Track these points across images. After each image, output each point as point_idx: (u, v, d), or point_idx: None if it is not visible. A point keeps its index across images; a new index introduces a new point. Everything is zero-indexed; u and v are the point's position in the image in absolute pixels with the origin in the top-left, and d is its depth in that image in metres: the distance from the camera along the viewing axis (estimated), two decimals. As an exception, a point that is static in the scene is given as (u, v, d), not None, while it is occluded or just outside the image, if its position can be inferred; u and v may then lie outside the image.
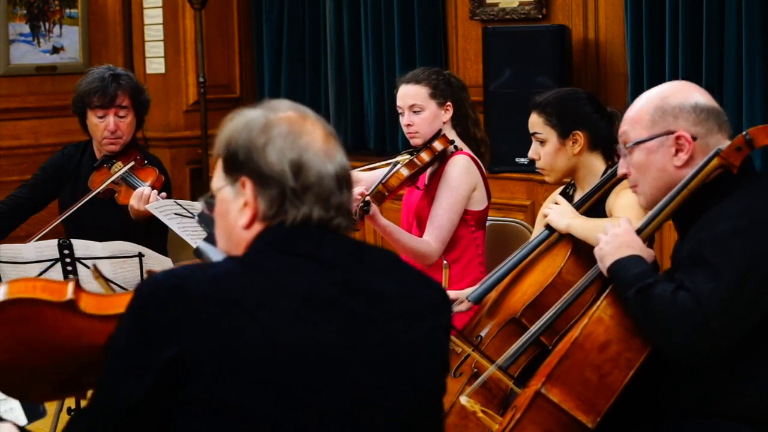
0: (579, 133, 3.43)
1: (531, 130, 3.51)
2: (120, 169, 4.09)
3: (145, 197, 3.93)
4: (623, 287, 2.54)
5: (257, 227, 1.85)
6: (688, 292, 2.43)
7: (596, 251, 2.67)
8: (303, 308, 1.77)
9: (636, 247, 2.60)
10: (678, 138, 2.62)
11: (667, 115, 2.64)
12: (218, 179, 1.92)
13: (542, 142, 3.47)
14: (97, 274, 2.38)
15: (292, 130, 1.86)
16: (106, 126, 4.09)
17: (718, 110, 2.66)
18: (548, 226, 3.27)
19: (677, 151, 2.63)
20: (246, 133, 1.87)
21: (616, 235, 2.63)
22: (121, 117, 4.11)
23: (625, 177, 2.76)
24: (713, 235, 2.50)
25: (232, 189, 1.88)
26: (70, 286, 1.94)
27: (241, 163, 1.86)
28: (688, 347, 2.44)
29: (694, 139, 2.62)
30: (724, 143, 2.60)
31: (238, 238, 1.87)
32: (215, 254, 1.93)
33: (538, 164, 3.51)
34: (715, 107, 2.65)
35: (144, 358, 1.74)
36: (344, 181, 1.89)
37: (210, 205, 1.96)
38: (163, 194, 3.97)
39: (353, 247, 1.88)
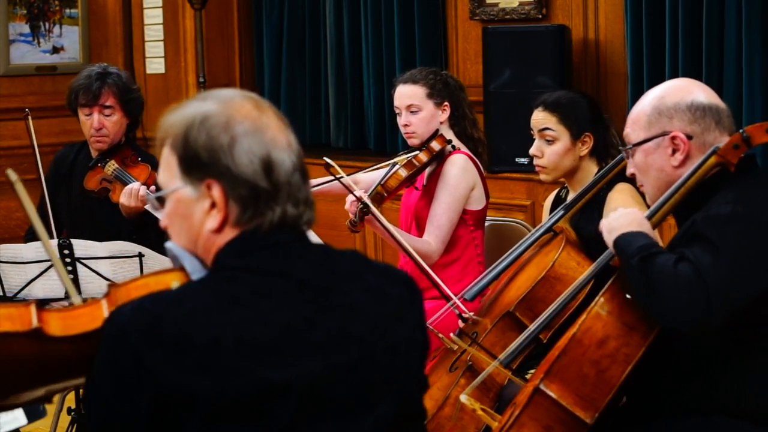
0: (589, 135, 3.46)
1: (539, 127, 3.51)
2: (114, 168, 4.11)
3: (134, 194, 3.93)
4: (627, 257, 2.53)
5: (229, 232, 1.78)
6: (689, 263, 2.44)
7: (603, 224, 2.67)
8: (283, 338, 1.71)
9: (645, 226, 2.61)
10: (673, 138, 2.64)
11: (662, 116, 2.66)
12: (173, 179, 1.80)
13: (551, 140, 3.47)
14: None
15: (255, 126, 1.78)
16: (92, 124, 4.11)
17: (717, 107, 2.66)
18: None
19: (674, 151, 2.65)
20: (206, 132, 1.76)
21: (628, 213, 2.65)
22: (107, 115, 4.12)
23: (633, 176, 2.78)
24: (708, 215, 2.52)
25: (194, 189, 1.78)
26: (33, 311, 1.80)
27: (206, 165, 1.76)
28: (686, 317, 2.43)
29: (690, 138, 2.63)
30: (723, 140, 2.61)
31: (207, 243, 1.79)
32: (184, 255, 1.83)
33: (539, 161, 3.51)
34: (713, 104, 2.66)
35: (127, 410, 1.67)
36: (305, 172, 1.83)
37: (159, 201, 1.84)
38: (152, 188, 3.97)
39: (324, 256, 1.82)
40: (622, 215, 2.64)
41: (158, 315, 1.68)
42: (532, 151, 3.53)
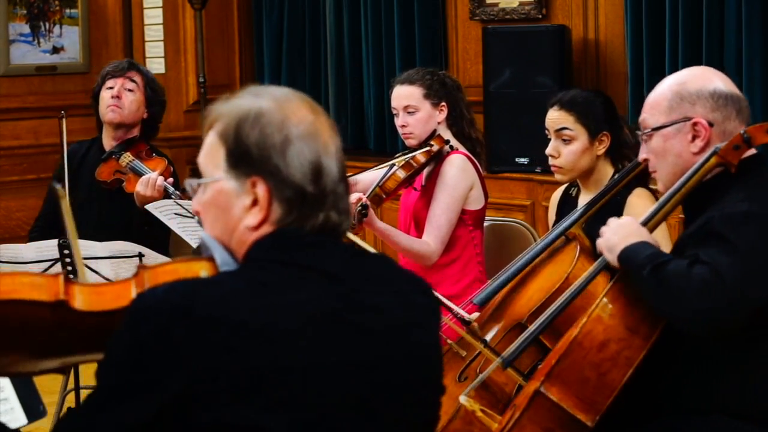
0: (606, 134, 3.42)
1: (555, 127, 3.46)
2: (129, 159, 4.15)
3: (152, 183, 3.99)
4: (637, 269, 2.51)
5: (266, 229, 1.76)
6: (704, 264, 2.42)
7: (601, 243, 2.65)
8: (308, 328, 1.71)
9: (644, 235, 2.60)
10: (695, 124, 2.63)
11: (684, 101, 2.64)
12: (217, 168, 1.78)
13: (567, 140, 3.43)
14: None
15: (309, 130, 1.76)
16: (112, 93, 4.19)
17: (737, 96, 2.66)
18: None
19: (694, 138, 2.64)
20: (259, 129, 1.74)
21: (622, 225, 2.63)
22: (128, 90, 4.21)
23: (645, 161, 2.75)
24: (725, 214, 2.50)
25: (237, 183, 1.76)
26: (61, 281, 1.80)
27: (255, 162, 1.74)
28: (706, 318, 2.41)
29: (711, 125, 2.62)
30: (741, 130, 2.60)
31: (243, 238, 1.78)
32: (215, 247, 1.82)
33: (556, 162, 3.46)
34: (733, 93, 2.66)
35: (143, 384, 1.65)
36: (347, 182, 1.83)
37: (197, 187, 1.83)
38: (170, 180, 4.02)
39: (355, 256, 1.82)
40: (617, 228, 2.63)
41: (190, 296, 1.67)
42: (548, 151, 3.47)
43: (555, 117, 3.47)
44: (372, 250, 3.62)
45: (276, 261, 1.75)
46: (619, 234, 2.62)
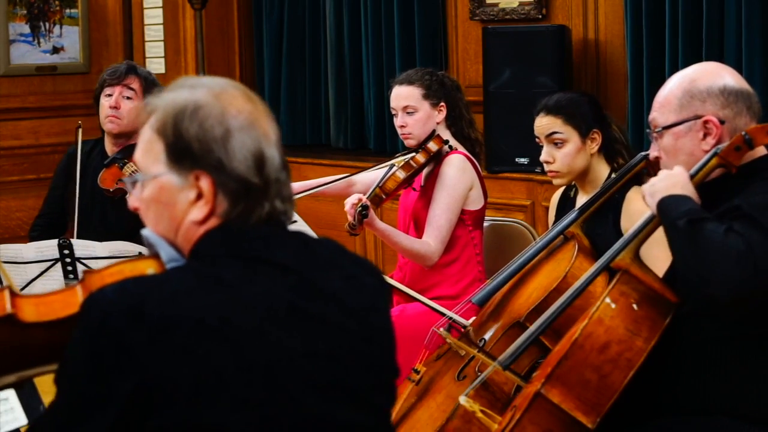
0: (597, 131, 3.42)
1: (546, 132, 3.45)
2: (133, 169, 4.12)
3: None
4: (673, 218, 2.47)
5: (213, 222, 1.75)
6: (739, 235, 2.39)
7: (646, 187, 2.61)
8: (265, 322, 1.69)
9: (689, 190, 2.56)
10: (706, 122, 2.62)
11: (695, 99, 2.63)
12: (157, 163, 1.76)
13: (560, 144, 3.43)
14: None
15: (248, 120, 1.75)
16: (110, 103, 4.13)
17: (748, 92, 2.65)
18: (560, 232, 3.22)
19: (705, 135, 2.62)
20: (198, 122, 1.73)
21: (672, 174, 2.59)
22: (127, 98, 4.14)
23: (657, 159, 2.74)
24: (754, 201, 2.47)
25: (180, 178, 1.74)
26: (7, 296, 1.77)
27: (197, 156, 1.73)
28: (732, 286, 2.36)
29: (722, 122, 2.61)
30: (753, 125, 2.60)
31: (189, 233, 1.76)
32: (160, 243, 1.79)
33: (552, 167, 3.45)
34: (743, 89, 2.65)
35: (103, 393, 1.61)
36: (289, 168, 1.81)
37: (135, 182, 1.80)
38: None
39: (303, 244, 1.81)
40: (666, 177, 2.58)
41: (141, 296, 1.65)
42: (543, 158, 3.46)
43: (543, 123, 3.47)
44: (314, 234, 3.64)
45: (227, 255, 1.73)
46: (666, 181, 2.57)
